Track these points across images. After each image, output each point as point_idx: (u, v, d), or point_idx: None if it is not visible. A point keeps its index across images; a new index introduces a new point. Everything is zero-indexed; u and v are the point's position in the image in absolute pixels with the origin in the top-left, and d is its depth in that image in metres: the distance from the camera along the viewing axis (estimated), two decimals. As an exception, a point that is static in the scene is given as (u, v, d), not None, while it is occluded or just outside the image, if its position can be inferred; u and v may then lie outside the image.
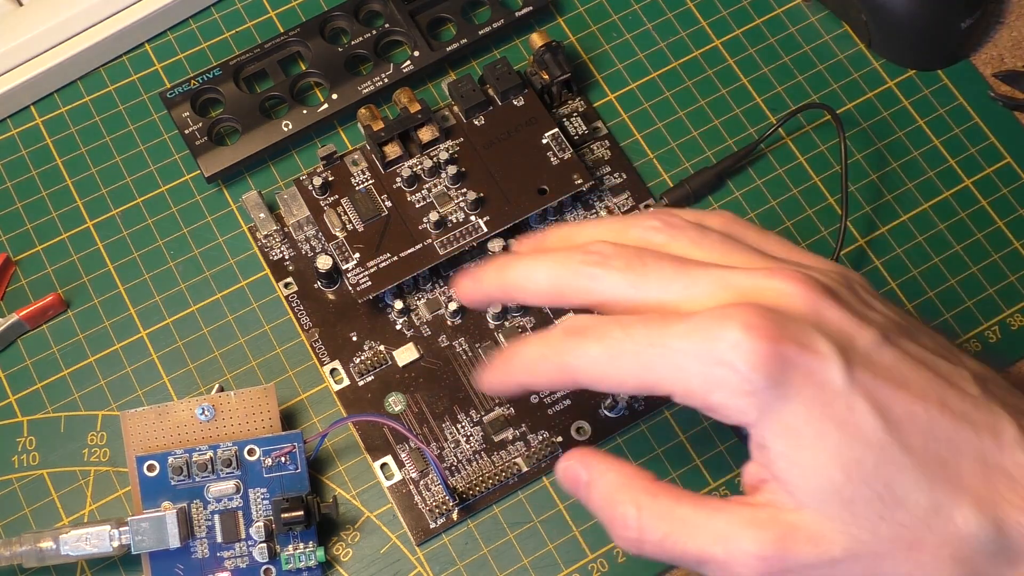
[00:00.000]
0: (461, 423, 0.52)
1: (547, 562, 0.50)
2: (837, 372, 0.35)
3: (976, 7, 0.58)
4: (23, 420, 0.53)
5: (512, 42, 0.60)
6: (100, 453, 0.52)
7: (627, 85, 0.59)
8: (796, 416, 0.35)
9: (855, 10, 0.59)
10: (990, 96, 0.59)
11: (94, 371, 0.54)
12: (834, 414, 0.34)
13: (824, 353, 0.35)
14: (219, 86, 0.58)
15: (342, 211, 0.54)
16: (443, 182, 0.55)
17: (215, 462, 0.49)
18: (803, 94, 0.59)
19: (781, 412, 0.35)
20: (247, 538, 0.49)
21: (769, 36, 0.61)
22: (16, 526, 0.51)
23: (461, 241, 0.54)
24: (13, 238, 0.56)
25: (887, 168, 0.58)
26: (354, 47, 0.59)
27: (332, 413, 0.53)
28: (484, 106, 0.56)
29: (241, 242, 0.56)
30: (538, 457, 0.51)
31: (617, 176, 0.57)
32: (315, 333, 0.54)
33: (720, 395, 0.35)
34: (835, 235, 0.55)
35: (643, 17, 0.61)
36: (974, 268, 0.56)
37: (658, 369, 0.36)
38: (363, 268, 0.53)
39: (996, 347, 0.54)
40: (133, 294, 0.55)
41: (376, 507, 0.51)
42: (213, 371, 0.54)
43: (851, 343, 0.36)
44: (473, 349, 0.53)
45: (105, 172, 0.58)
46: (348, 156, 0.55)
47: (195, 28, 0.61)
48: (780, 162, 0.58)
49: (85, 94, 0.59)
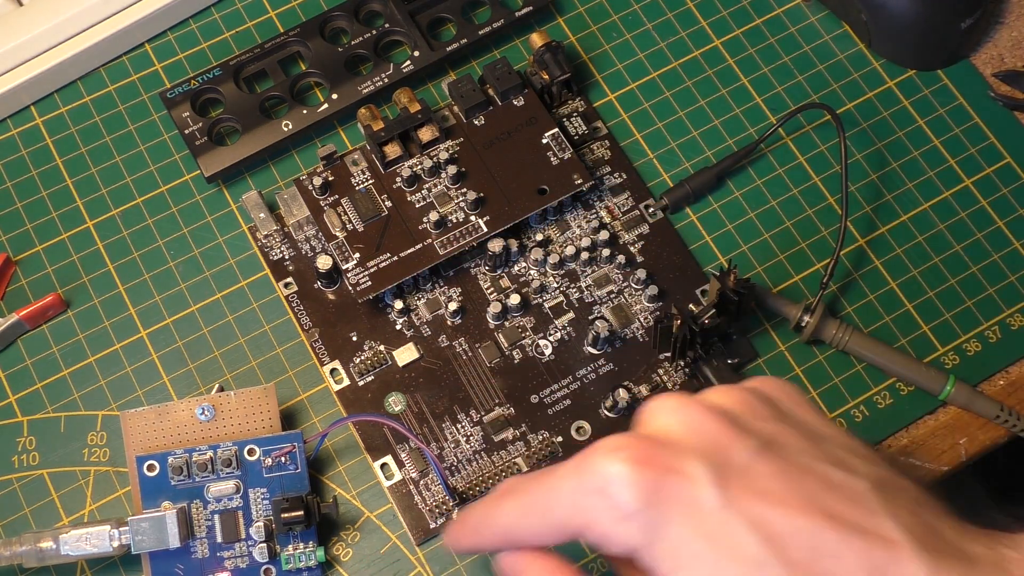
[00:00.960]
0: (461, 423, 0.52)
1: (547, 562, 0.50)
2: (708, 491, 0.35)
3: (976, 7, 0.58)
4: (23, 420, 0.53)
5: (512, 42, 0.60)
6: (100, 453, 0.52)
7: (627, 85, 0.59)
8: (674, 538, 0.35)
9: (855, 10, 0.59)
10: (990, 96, 0.59)
11: (94, 371, 0.54)
12: (708, 533, 0.34)
13: (692, 474, 0.35)
14: (219, 86, 0.58)
15: (342, 211, 0.54)
16: (443, 182, 0.55)
17: (215, 462, 0.49)
18: (803, 94, 0.59)
19: (661, 534, 0.35)
20: (247, 538, 0.49)
21: (769, 36, 0.61)
22: (16, 526, 0.51)
23: (461, 241, 0.54)
24: (13, 238, 0.56)
25: (887, 168, 0.58)
26: (354, 47, 0.59)
27: (332, 413, 0.53)
28: (484, 106, 0.56)
29: (241, 242, 0.56)
30: (538, 457, 0.51)
31: (617, 176, 0.57)
32: (315, 333, 0.54)
33: (603, 523, 0.36)
34: (835, 235, 0.55)
35: (643, 17, 0.61)
36: (974, 268, 0.56)
37: (555, 511, 0.37)
38: (363, 268, 0.53)
39: (996, 347, 0.54)
40: (133, 294, 0.55)
41: (376, 507, 0.51)
42: (213, 371, 0.54)
43: (726, 458, 0.36)
44: (473, 349, 0.53)
45: (105, 172, 0.58)
46: (348, 156, 0.55)
47: (195, 28, 0.61)
48: (780, 162, 0.58)
49: (85, 94, 0.59)
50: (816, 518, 0.34)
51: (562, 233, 0.56)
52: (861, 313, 0.55)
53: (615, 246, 0.56)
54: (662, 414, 0.37)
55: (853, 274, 0.55)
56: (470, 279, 0.55)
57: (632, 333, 0.54)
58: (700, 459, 0.35)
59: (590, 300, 0.54)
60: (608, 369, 0.53)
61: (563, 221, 0.56)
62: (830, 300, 0.55)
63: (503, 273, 0.55)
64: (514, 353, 0.53)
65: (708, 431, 0.36)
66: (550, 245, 0.55)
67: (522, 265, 0.55)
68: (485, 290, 0.55)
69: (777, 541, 0.34)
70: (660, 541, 0.35)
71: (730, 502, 0.35)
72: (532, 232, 0.55)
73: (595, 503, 0.36)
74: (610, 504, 0.35)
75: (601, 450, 0.36)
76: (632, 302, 0.54)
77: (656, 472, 0.35)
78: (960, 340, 0.54)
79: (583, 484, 0.36)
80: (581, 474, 0.36)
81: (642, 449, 0.35)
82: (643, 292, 0.54)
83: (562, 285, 0.55)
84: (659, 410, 0.37)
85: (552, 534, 0.38)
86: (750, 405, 0.38)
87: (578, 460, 0.37)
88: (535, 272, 0.55)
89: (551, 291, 0.55)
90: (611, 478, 0.35)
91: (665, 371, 0.53)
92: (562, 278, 0.55)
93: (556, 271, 0.55)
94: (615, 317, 0.54)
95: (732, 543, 0.34)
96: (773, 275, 0.56)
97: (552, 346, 0.54)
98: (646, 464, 0.35)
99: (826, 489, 0.35)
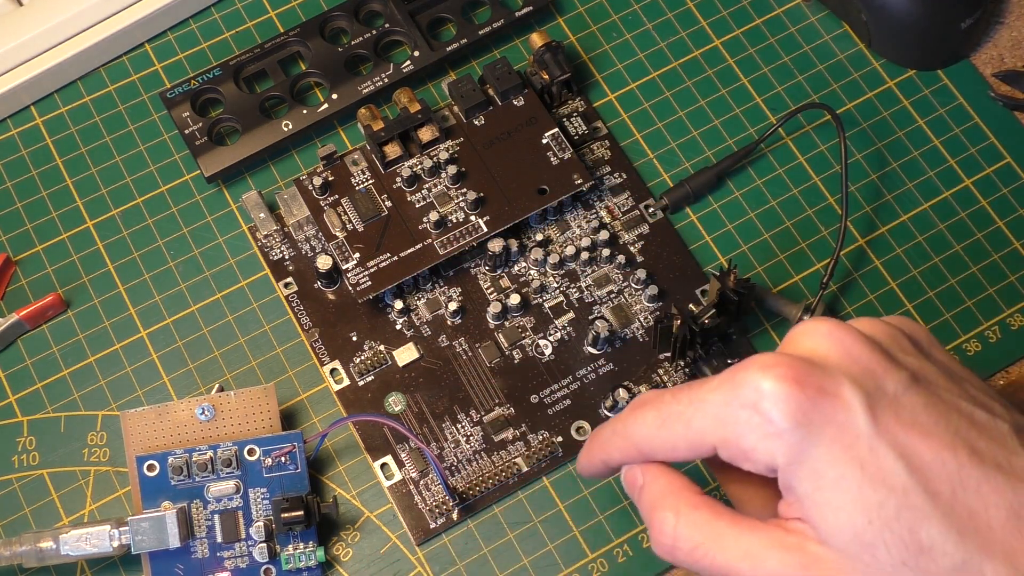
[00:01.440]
0: (461, 423, 0.52)
1: (547, 562, 0.50)
2: (860, 416, 0.35)
3: (976, 7, 0.58)
4: (23, 420, 0.53)
5: (512, 42, 0.60)
6: (100, 453, 0.52)
7: (627, 85, 0.59)
8: (819, 459, 0.35)
9: (855, 10, 0.59)
10: (990, 96, 0.59)
11: (94, 371, 0.54)
12: (856, 457, 0.34)
13: (846, 397, 0.35)
14: (219, 86, 0.58)
15: (342, 211, 0.54)
16: (443, 182, 0.55)
17: (215, 462, 0.49)
18: (803, 94, 0.59)
19: (806, 455, 0.35)
20: (247, 538, 0.49)
21: (769, 36, 0.61)
22: (16, 526, 0.51)
23: (461, 241, 0.54)
24: (13, 238, 0.56)
25: (887, 168, 0.58)
26: (354, 47, 0.59)
27: (332, 413, 0.53)
28: (484, 106, 0.56)
29: (241, 242, 0.56)
30: (538, 457, 0.51)
31: (617, 176, 0.57)
32: (315, 333, 0.54)
33: (750, 439, 0.36)
34: (835, 235, 0.55)
35: (643, 17, 0.61)
36: (974, 268, 0.56)
37: (697, 423, 0.37)
38: (363, 268, 0.53)
39: (996, 347, 0.54)
40: (133, 294, 0.55)
41: (376, 507, 0.51)
42: (213, 371, 0.54)
43: (879, 387, 0.36)
44: (473, 349, 0.53)
45: (105, 172, 0.58)
46: (348, 156, 0.55)
47: (195, 28, 0.61)
48: (780, 162, 0.58)
49: (85, 94, 0.59)
50: (961, 453, 0.35)
51: (562, 233, 0.56)
52: (861, 313, 0.55)
53: (615, 246, 0.56)
54: (814, 336, 0.37)
55: (853, 274, 0.55)
56: (470, 279, 0.55)
57: (632, 333, 0.54)
58: (853, 384, 0.35)
59: (590, 300, 0.54)
60: (608, 369, 0.53)
61: (563, 221, 0.56)
62: (830, 300, 0.55)
63: (503, 273, 0.55)
64: (514, 353, 0.53)
65: (862, 358, 0.36)
66: (550, 245, 0.55)
67: (522, 265, 0.55)
68: (485, 290, 0.55)
69: (923, 471, 0.34)
70: (805, 461, 0.35)
71: (881, 430, 0.35)
72: (532, 232, 0.55)
73: (744, 417, 0.35)
74: (760, 420, 0.35)
75: (755, 365, 0.36)
76: (632, 302, 0.54)
77: (810, 392, 0.35)
78: (960, 340, 0.54)
79: (734, 397, 0.36)
80: (733, 387, 0.36)
81: (797, 368, 0.35)
82: (643, 292, 0.54)
83: (562, 285, 0.55)
84: (811, 332, 0.37)
85: (689, 447, 0.37)
86: (897, 339, 0.38)
87: (728, 374, 0.36)
88: (535, 272, 0.55)
89: (551, 291, 0.55)
90: (764, 394, 0.35)
91: (665, 371, 0.53)
92: (562, 278, 0.55)
93: (556, 271, 0.55)
94: (615, 317, 0.54)
95: (878, 469, 0.34)
96: (773, 275, 0.56)
97: (552, 346, 0.54)
98: (800, 384, 0.35)
99: (971, 426, 0.35)
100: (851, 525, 0.34)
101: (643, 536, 0.50)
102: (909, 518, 0.34)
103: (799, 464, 0.35)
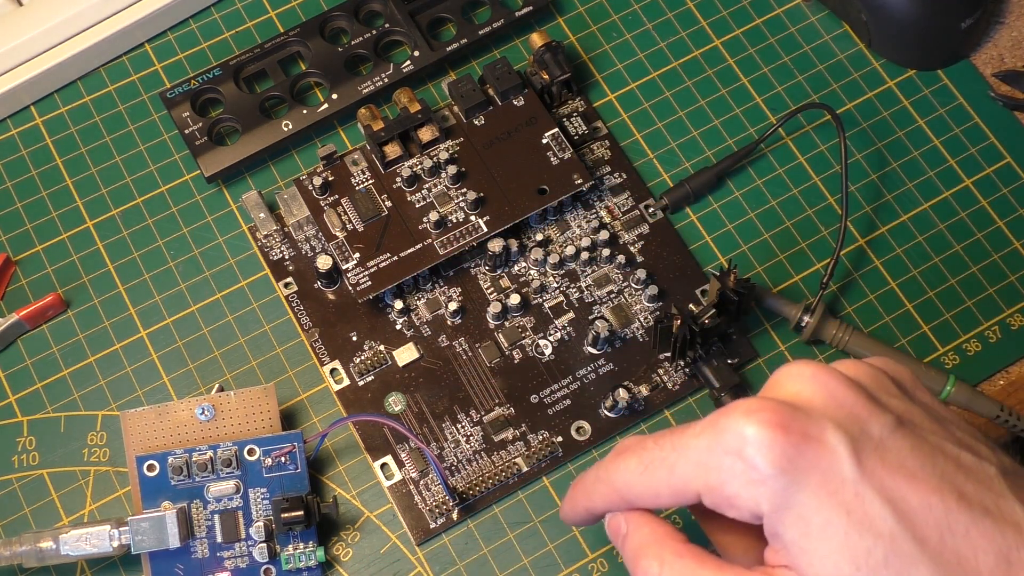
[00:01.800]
0: (461, 423, 0.52)
1: (547, 562, 0.50)
2: (845, 461, 0.34)
3: (976, 7, 0.58)
4: (23, 420, 0.53)
5: (512, 42, 0.60)
6: (100, 453, 0.52)
7: (627, 85, 0.59)
8: (805, 505, 0.34)
9: (855, 10, 0.59)
10: (990, 96, 0.59)
11: (94, 371, 0.54)
12: (842, 503, 0.34)
13: (831, 442, 0.35)
14: (219, 86, 0.58)
15: (342, 211, 0.54)
16: (443, 182, 0.55)
17: (215, 462, 0.49)
18: (803, 94, 0.59)
19: (791, 501, 0.34)
20: (247, 538, 0.49)
21: (769, 36, 0.61)
22: (16, 526, 0.51)
23: (461, 241, 0.54)
24: (13, 238, 0.56)
25: (887, 168, 0.58)
26: (354, 47, 0.59)
27: (332, 413, 0.53)
28: (484, 106, 0.56)
29: (241, 242, 0.56)
30: (538, 457, 0.51)
31: (617, 176, 0.57)
32: (315, 333, 0.54)
33: (733, 485, 0.35)
34: (835, 235, 0.55)
35: (643, 17, 0.61)
36: (974, 268, 0.56)
37: (680, 469, 0.36)
38: (363, 268, 0.53)
39: (996, 347, 0.54)
40: (133, 294, 0.55)
41: (376, 507, 0.51)
42: (213, 371, 0.54)
43: (864, 431, 0.35)
44: (473, 349, 0.53)
45: (105, 172, 0.58)
46: (348, 156, 0.55)
47: (195, 28, 0.61)
48: (780, 162, 0.58)
49: (85, 94, 0.59)
50: (949, 497, 0.34)
51: (562, 233, 0.56)
52: (861, 313, 0.55)
53: (615, 246, 0.56)
54: (798, 380, 0.37)
55: (853, 274, 0.55)
56: (470, 279, 0.55)
57: (632, 333, 0.54)
58: (838, 429, 0.35)
59: (590, 300, 0.54)
60: (608, 369, 0.53)
61: (563, 221, 0.56)
62: (830, 300, 0.55)
63: (503, 273, 0.55)
64: (514, 353, 0.53)
65: (846, 402, 0.36)
66: (550, 245, 0.55)
67: (522, 265, 0.55)
68: (485, 290, 0.55)
69: (910, 517, 0.34)
70: (791, 508, 0.34)
71: (866, 474, 0.34)
72: (532, 232, 0.55)
73: (728, 463, 0.35)
74: (744, 466, 0.35)
75: (738, 411, 0.35)
76: (632, 302, 0.54)
77: (794, 438, 0.34)
78: (960, 340, 0.54)
79: (717, 443, 0.35)
80: (716, 433, 0.35)
81: (781, 413, 0.35)
82: (643, 292, 0.54)
83: (562, 285, 0.55)
84: (794, 376, 0.37)
85: (672, 494, 0.37)
86: (881, 381, 0.38)
87: (711, 420, 0.36)
88: (535, 272, 0.55)
89: (551, 291, 0.55)
90: (748, 440, 0.34)
91: (665, 371, 0.53)
92: (562, 278, 0.55)
93: (556, 271, 0.55)
94: (615, 317, 0.54)
95: (865, 515, 0.34)
96: (773, 275, 0.56)
97: (552, 346, 0.54)
98: (784, 429, 0.34)
99: (957, 470, 0.35)
100: (838, 572, 0.34)
101: (643, 536, 0.50)
102: (897, 564, 0.34)
103: (784, 510, 0.34)
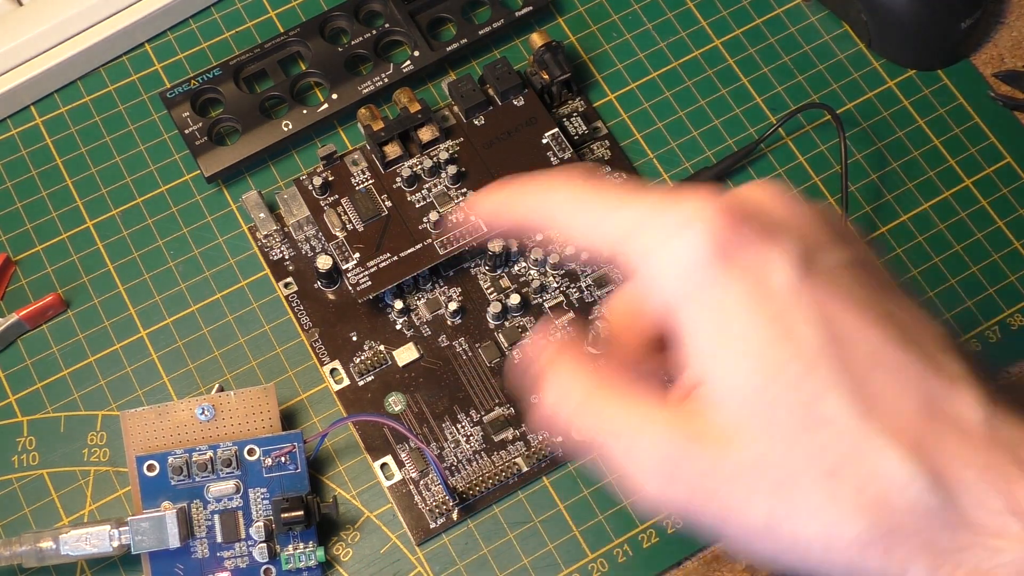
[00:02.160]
0: (461, 423, 0.52)
1: (547, 562, 0.50)
2: (789, 271, 0.32)
3: (976, 7, 0.58)
4: (23, 420, 0.53)
5: (512, 42, 0.60)
6: (100, 453, 0.52)
7: (627, 85, 0.59)
8: (730, 306, 0.32)
9: (855, 10, 0.59)
10: (990, 96, 0.59)
11: (94, 371, 0.54)
12: (771, 312, 0.32)
13: (779, 251, 0.32)
14: (219, 86, 0.58)
15: (342, 211, 0.54)
16: (443, 182, 0.55)
17: (215, 462, 0.49)
18: (803, 94, 0.59)
19: (716, 297, 0.32)
20: (247, 538, 0.49)
21: (769, 36, 0.61)
22: (16, 526, 0.51)
23: (461, 241, 0.54)
24: (13, 238, 0.56)
25: (887, 168, 0.58)
26: (354, 47, 0.59)
27: (332, 413, 0.53)
28: (484, 106, 0.56)
29: (241, 242, 0.56)
30: (538, 457, 0.51)
31: (617, 176, 0.57)
32: (315, 333, 0.54)
33: (660, 259, 0.33)
34: (835, 235, 0.55)
35: (643, 17, 0.61)
36: (974, 268, 0.56)
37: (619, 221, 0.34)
38: (363, 268, 0.53)
39: (996, 347, 0.54)
40: (133, 294, 0.55)
41: (376, 507, 0.51)
42: (213, 371, 0.54)
43: (819, 255, 0.33)
44: (473, 349, 0.53)
45: (105, 172, 0.58)
46: (348, 156, 0.55)
47: (195, 28, 0.61)
48: (780, 162, 0.58)
49: (85, 94, 0.59)
50: (889, 332, 0.32)
51: (562, 233, 0.56)
52: (861, 313, 0.55)
53: (615, 246, 0.55)
54: (767, 193, 0.34)
55: (853, 274, 0.55)
56: (470, 279, 0.55)
57: (632, 333, 0.54)
58: (796, 240, 0.33)
59: (590, 300, 0.54)
60: (608, 369, 0.53)
61: (563, 221, 0.56)
62: (830, 300, 0.55)
63: (503, 273, 0.55)
64: (514, 353, 0.53)
65: (811, 224, 0.34)
66: (550, 245, 0.55)
67: (522, 265, 0.55)
68: (485, 290, 0.55)
69: (841, 341, 0.32)
70: (709, 302, 0.32)
71: (806, 290, 0.32)
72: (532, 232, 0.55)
73: (667, 234, 0.33)
74: (682, 243, 0.32)
75: (702, 192, 0.33)
76: (632, 302, 0.54)
77: (745, 233, 0.32)
78: (960, 340, 0.54)
79: (667, 209, 0.33)
80: (670, 201, 0.33)
81: (744, 209, 0.33)
82: (643, 292, 0.54)
83: (562, 285, 0.55)
84: (766, 188, 0.35)
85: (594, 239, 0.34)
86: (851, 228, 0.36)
87: (671, 190, 0.34)
88: (535, 272, 0.55)
89: (551, 291, 0.55)
90: (700, 217, 0.32)
91: (665, 371, 0.53)
92: (562, 278, 0.55)
93: (556, 271, 0.55)
94: (615, 317, 0.54)
95: (791, 330, 0.32)
96: (773, 275, 0.56)
97: (552, 346, 0.53)
98: (739, 222, 0.32)
99: (904, 313, 0.33)
100: (747, 383, 0.32)
101: (643, 536, 0.50)
102: (813, 385, 0.31)
103: (705, 307, 0.32)
